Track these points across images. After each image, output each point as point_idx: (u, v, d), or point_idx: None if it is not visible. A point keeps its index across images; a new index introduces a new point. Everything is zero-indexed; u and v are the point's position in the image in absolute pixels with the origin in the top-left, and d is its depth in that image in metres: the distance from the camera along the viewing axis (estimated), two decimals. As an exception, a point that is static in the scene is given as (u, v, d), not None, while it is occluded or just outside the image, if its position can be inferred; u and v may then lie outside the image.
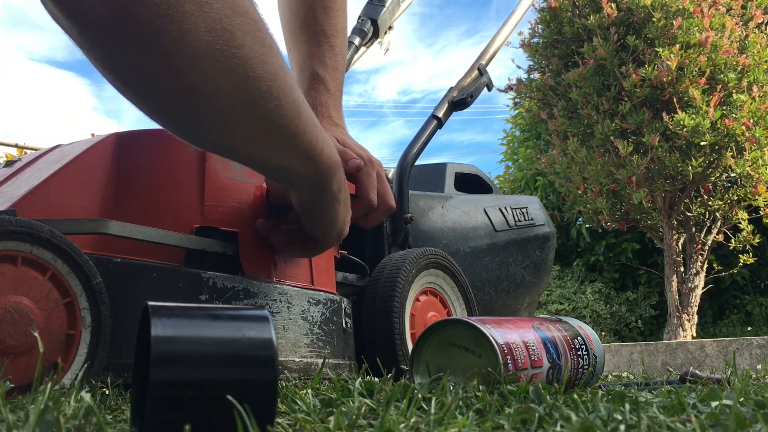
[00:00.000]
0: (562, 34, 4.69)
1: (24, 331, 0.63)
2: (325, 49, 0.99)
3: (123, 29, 0.53)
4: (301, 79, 0.99)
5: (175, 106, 0.61)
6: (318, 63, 0.98)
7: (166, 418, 0.37)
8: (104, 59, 0.57)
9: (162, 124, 0.65)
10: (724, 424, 0.41)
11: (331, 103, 0.98)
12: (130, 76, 0.58)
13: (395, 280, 1.02)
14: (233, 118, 0.63)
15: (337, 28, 1.01)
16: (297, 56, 1.00)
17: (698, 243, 4.66)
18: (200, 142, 0.71)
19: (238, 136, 0.66)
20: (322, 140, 0.74)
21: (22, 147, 4.64)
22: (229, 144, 0.69)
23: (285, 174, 0.77)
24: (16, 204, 0.73)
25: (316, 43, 0.99)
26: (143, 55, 0.55)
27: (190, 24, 0.54)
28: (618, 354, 3.50)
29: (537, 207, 1.61)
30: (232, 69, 0.58)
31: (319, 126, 0.74)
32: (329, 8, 1.00)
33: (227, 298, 0.81)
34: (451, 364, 0.71)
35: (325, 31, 0.99)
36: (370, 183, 0.92)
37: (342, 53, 1.01)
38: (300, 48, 1.00)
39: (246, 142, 0.68)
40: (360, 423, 0.44)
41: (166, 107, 0.61)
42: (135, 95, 0.60)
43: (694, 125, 3.98)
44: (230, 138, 0.67)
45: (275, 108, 0.64)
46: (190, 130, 0.66)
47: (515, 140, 8.35)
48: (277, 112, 0.65)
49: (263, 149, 0.70)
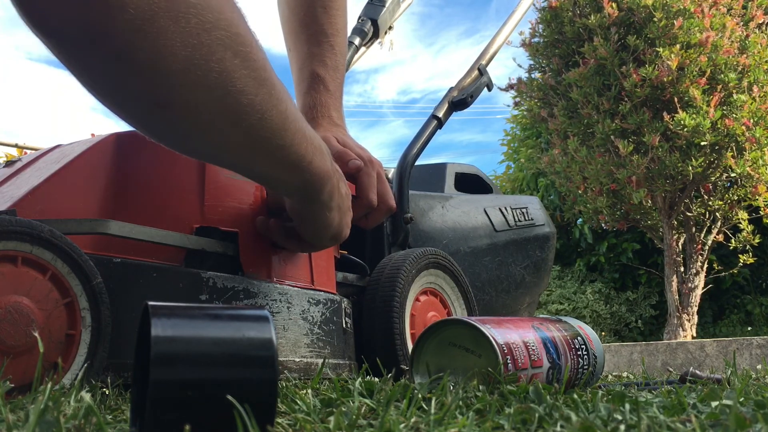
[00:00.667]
0: (563, 34, 4.69)
1: (24, 331, 0.63)
2: (325, 49, 0.99)
3: (95, 46, 0.52)
4: (300, 79, 0.99)
5: (154, 119, 0.60)
6: (318, 63, 0.98)
7: (166, 418, 0.37)
8: (80, 73, 0.56)
9: (144, 134, 0.64)
10: (724, 424, 0.41)
11: (332, 103, 0.98)
12: (107, 89, 0.57)
13: (395, 280, 1.02)
14: (215, 131, 0.63)
15: (336, 27, 1.00)
16: (297, 56, 1.00)
17: (698, 243, 4.66)
18: (184, 151, 0.71)
19: (222, 146, 0.66)
20: (311, 151, 0.73)
21: (22, 147, 4.64)
22: (213, 153, 0.68)
23: (272, 182, 0.76)
24: (16, 204, 0.73)
25: (315, 43, 0.99)
26: (118, 70, 0.54)
27: (166, 39, 0.53)
28: (618, 354, 3.50)
29: (537, 207, 1.61)
30: (210, 84, 0.58)
31: (309, 136, 0.73)
32: (329, 7, 1.00)
33: (227, 298, 0.81)
34: (451, 364, 0.71)
35: (325, 31, 0.99)
36: (370, 183, 0.92)
37: (342, 52, 1.01)
38: (300, 48, 1.00)
39: (230, 153, 0.67)
40: (360, 423, 0.44)
41: (146, 119, 0.61)
42: (114, 107, 0.59)
43: (695, 125, 3.98)
44: (213, 148, 0.66)
45: (258, 121, 0.64)
46: (172, 141, 0.66)
47: (516, 140, 8.35)
48: (261, 125, 0.64)
49: (248, 160, 0.70)
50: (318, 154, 0.75)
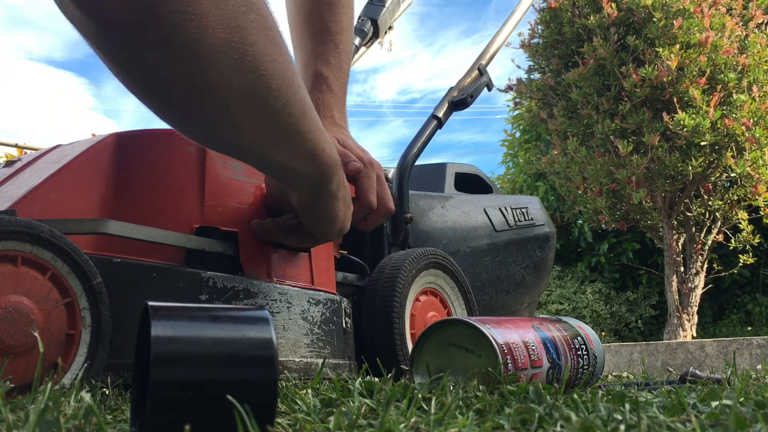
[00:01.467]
0: (562, 34, 4.68)
1: (24, 331, 0.63)
2: (330, 48, 0.98)
3: (146, 29, 0.53)
4: (304, 77, 0.99)
5: (191, 107, 0.61)
6: (322, 62, 0.98)
7: (166, 418, 0.37)
8: (122, 62, 0.57)
9: (171, 121, 0.65)
10: (724, 424, 0.41)
11: (334, 104, 0.98)
12: (148, 74, 0.58)
13: (395, 280, 1.02)
14: (244, 117, 0.63)
15: (342, 25, 1.00)
16: (301, 54, 1.00)
17: (698, 243, 4.66)
18: (208, 140, 0.71)
19: (247, 134, 0.67)
20: (324, 139, 0.75)
21: (22, 147, 4.64)
22: (238, 143, 0.69)
23: (287, 173, 0.77)
24: (16, 204, 0.73)
25: (320, 41, 0.98)
26: (163, 53, 0.55)
27: (208, 21, 0.55)
28: (618, 354, 3.50)
29: (537, 207, 1.61)
30: (245, 67, 0.59)
31: (320, 125, 0.74)
32: (335, 5, 0.99)
33: (227, 298, 0.81)
34: (451, 364, 0.71)
35: (330, 29, 0.99)
36: (369, 185, 0.92)
37: (347, 51, 1.01)
38: (304, 45, 0.99)
39: (254, 140, 0.68)
40: (360, 423, 0.44)
41: (178, 105, 0.61)
42: (149, 93, 0.60)
43: (694, 125, 3.98)
44: (239, 136, 0.67)
45: (284, 107, 0.65)
46: (200, 128, 0.66)
47: (514, 144, 8.35)
48: (286, 111, 0.65)
49: (270, 148, 0.70)
50: (329, 143, 0.76)
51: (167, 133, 0.84)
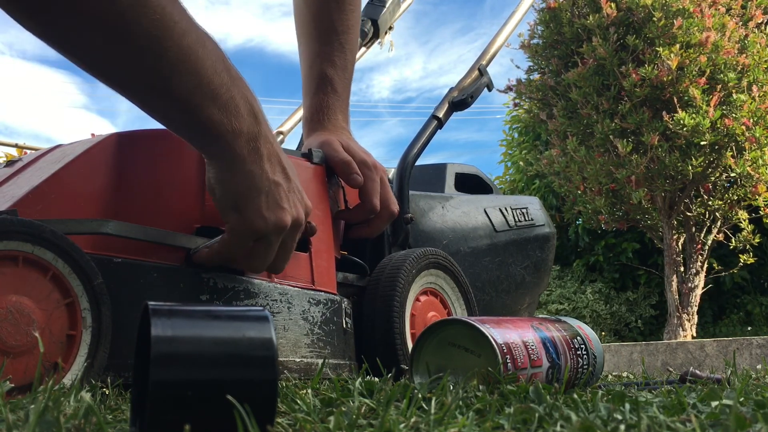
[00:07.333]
0: (562, 35, 4.69)
1: (25, 331, 0.63)
2: (335, 48, 0.98)
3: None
4: (309, 78, 0.98)
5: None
6: (326, 62, 0.97)
7: (166, 418, 0.37)
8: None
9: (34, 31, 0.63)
10: (724, 424, 0.41)
11: (338, 106, 0.97)
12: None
13: (395, 280, 1.02)
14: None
15: (348, 24, 0.99)
16: (306, 53, 1.00)
17: (698, 243, 4.66)
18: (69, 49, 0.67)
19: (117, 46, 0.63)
20: (239, 96, 0.68)
21: (22, 147, 4.64)
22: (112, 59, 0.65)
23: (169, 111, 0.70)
24: (17, 204, 0.73)
25: (326, 41, 0.98)
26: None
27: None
28: (618, 354, 3.50)
29: (537, 207, 1.61)
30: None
31: (239, 85, 0.69)
32: (343, 2, 0.99)
33: (227, 298, 0.82)
34: (451, 364, 0.71)
35: (336, 28, 0.98)
36: (373, 189, 0.91)
37: (352, 50, 1.00)
38: (310, 44, 0.99)
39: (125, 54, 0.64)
40: (360, 423, 0.44)
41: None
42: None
43: (694, 125, 3.98)
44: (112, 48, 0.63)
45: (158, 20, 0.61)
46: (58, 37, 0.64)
47: (512, 145, 8.35)
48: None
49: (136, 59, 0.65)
50: (237, 88, 0.69)
51: (168, 134, 0.84)
